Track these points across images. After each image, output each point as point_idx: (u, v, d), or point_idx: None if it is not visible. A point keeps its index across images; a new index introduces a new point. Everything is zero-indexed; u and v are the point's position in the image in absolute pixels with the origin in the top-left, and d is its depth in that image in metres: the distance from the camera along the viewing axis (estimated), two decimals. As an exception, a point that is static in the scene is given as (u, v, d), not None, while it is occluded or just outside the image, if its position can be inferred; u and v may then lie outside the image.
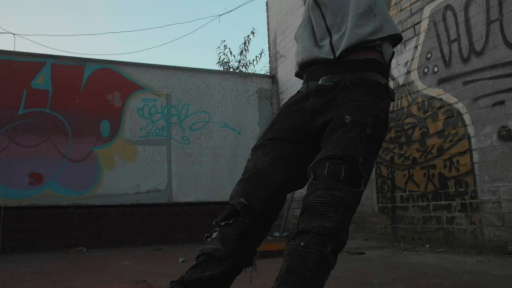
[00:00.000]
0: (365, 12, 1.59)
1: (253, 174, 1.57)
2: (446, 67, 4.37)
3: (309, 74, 1.71)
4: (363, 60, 1.60)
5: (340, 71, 1.59)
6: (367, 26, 1.58)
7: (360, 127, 1.46)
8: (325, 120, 1.54)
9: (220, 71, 8.75)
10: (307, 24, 1.78)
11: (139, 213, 6.34)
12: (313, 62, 1.69)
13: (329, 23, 1.68)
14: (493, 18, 3.90)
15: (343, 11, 1.64)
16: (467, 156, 4.11)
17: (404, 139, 4.87)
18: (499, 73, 3.83)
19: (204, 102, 6.99)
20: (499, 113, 3.82)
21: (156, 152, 6.64)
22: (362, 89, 1.54)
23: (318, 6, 1.73)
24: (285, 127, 1.65)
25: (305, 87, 1.70)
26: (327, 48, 1.65)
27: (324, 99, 1.58)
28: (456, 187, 4.22)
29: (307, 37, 1.73)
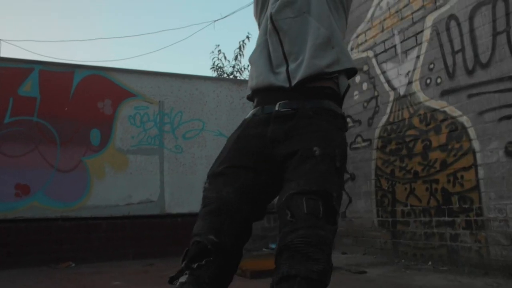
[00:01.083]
0: (323, 43, 1.58)
1: (218, 207, 1.47)
2: (450, 78, 4.22)
3: (264, 98, 1.64)
4: (320, 87, 1.58)
5: (299, 98, 1.55)
6: (324, 57, 1.56)
7: (330, 159, 1.43)
8: (290, 151, 1.47)
9: (214, 78, 8.56)
10: (263, 49, 1.70)
11: (131, 225, 6.12)
12: (267, 89, 1.62)
13: (287, 50, 1.63)
14: (499, 29, 3.77)
15: (301, 39, 1.61)
16: (472, 171, 3.97)
17: (405, 151, 4.72)
18: (506, 86, 3.69)
19: (197, 109, 6.79)
20: (506, 128, 3.68)
21: (148, 162, 6.43)
22: (323, 118, 1.52)
23: (277, 31, 1.66)
24: (246, 154, 1.56)
25: (260, 110, 1.61)
26: (283, 76, 1.60)
27: (286, 127, 1.52)
28: (460, 203, 4.07)
29: (263, 62, 1.67)
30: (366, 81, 5.38)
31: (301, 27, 1.64)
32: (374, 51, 5.27)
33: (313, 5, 1.67)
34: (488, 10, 3.86)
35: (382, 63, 5.13)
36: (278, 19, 1.67)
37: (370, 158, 5.26)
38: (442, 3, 4.33)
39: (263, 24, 1.77)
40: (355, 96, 5.57)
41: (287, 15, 1.67)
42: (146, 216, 6.22)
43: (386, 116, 5.03)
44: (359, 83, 5.52)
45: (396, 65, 4.90)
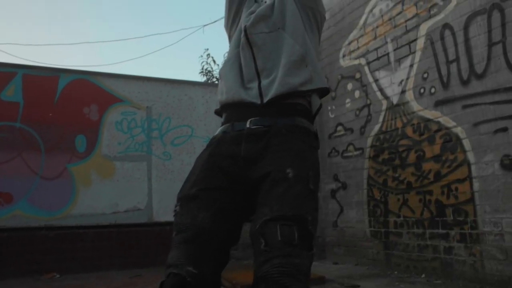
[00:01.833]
0: (298, 60, 1.55)
1: (194, 234, 1.38)
2: (444, 88, 4.16)
3: (234, 114, 1.57)
4: (292, 104, 1.54)
5: (271, 114, 1.50)
6: (298, 76, 1.53)
7: (304, 182, 1.38)
8: (263, 173, 1.42)
9: (204, 83, 8.43)
10: (235, 62, 1.64)
11: (117, 235, 5.97)
12: (238, 104, 1.54)
13: (260, 66, 1.59)
14: (495, 40, 3.71)
15: (275, 55, 1.58)
16: (467, 184, 3.90)
17: (398, 161, 4.64)
18: (502, 98, 3.63)
19: (186, 115, 6.66)
20: (501, 140, 3.62)
21: (135, 169, 6.28)
22: (297, 137, 1.48)
23: (250, 46, 1.60)
24: (220, 175, 1.49)
25: (230, 127, 1.55)
26: (254, 91, 1.55)
27: (259, 146, 1.46)
28: (454, 215, 4.01)
29: (234, 77, 1.61)
30: (359, 89, 5.30)
31: (275, 43, 1.60)
32: (366, 58, 5.19)
33: (288, 22, 1.63)
34: (484, 20, 3.80)
35: (374, 71, 5.06)
36: (252, 33, 1.62)
37: (362, 167, 5.18)
38: (436, 11, 4.27)
39: (235, 37, 1.71)
40: (347, 104, 5.49)
41: (261, 29, 1.62)
42: (133, 224, 6.08)
43: (378, 125, 4.95)
44: (351, 90, 5.44)
45: (389, 73, 4.82)
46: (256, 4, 1.80)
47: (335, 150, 5.70)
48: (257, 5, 1.79)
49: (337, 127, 5.65)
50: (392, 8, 4.82)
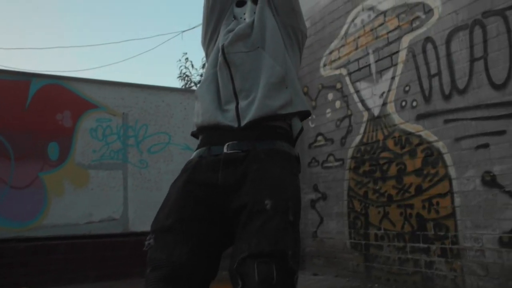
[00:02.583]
0: (278, 82, 1.49)
1: (172, 273, 1.29)
2: (426, 102, 4.15)
3: (211, 137, 1.50)
4: (272, 126, 1.48)
5: (249, 138, 1.44)
6: (278, 98, 1.47)
7: (283, 213, 1.31)
8: (240, 203, 1.34)
9: (182, 89, 8.28)
10: (212, 82, 1.56)
11: (92, 246, 5.77)
12: (214, 127, 1.47)
13: (238, 86, 1.52)
14: (477, 56, 3.71)
15: (254, 76, 1.51)
16: (448, 198, 3.90)
17: (379, 174, 4.62)
18: (484, 114, 3.64)
19: (164, 122, 6.51)
20: (483, 156, 3.63)
21: (110, 177, 6.09)
22: (276, 162, 1.41)
23: (228, 65, 1.53)
24: (197, 204, 1.40)
25: (206, 151, 1.48)
26: (232, 114, 1.48)
27: (237, 173, 1.39)
28: (435, 230, 4.00)
29: (210, 98, 1.54)
30: (339, 99, 5.27)
31: (254, 63, 1.54)
32: (347, 69, 5.16)
33: (268, 40, 1.57)
34: (466, 35, 3.80)
35: (355, 81, 5.03)
36: (230, 52, 1.54)
37: (343, 178, 5.14)
38: (418, 24, 4.26)
39: (213, 56, 1.63)
40: (328, 114, 5.45)
41: (240, 48, 1.56)
42: (108, 235, 5.89)
43: (359, 136, 4.93)
44: (331, 100, 5.41)
45: (371, 84, 4.80)
46: (234, 22, 1.72)
47: (315, 160, 5.66)
48: (236, 22, 1.71)
49: (317, 137, 5.60)
50: (373, 19, 4.79)
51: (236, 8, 1.76)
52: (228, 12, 1.75)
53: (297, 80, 1.59)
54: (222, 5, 1.74)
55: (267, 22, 1.62)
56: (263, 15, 1.64)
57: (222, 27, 1.71)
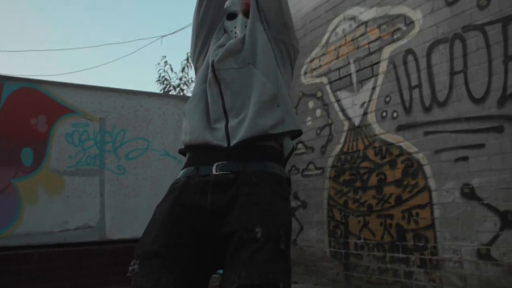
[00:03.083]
0: (269, 100, 1.45)
1: None
2: (406, 113, 4.19)
3: (199, 156, 1.46)
4: (262, 146, 1.44)
5: (239, 159, 1.40)
6: (269, 117, 1.43)
7: (274, 242, 1.27)
8: (229, 230, 1.31)
9: (161, 94, 8.16)
10: (201, 99, 1.52)
11: (67, 254, 5.63)
12: (202, 147, 1.43)
13: (228, 104, 1.48)
14: (457, 69, 3.76)
15: (245, 93, 1.47)
16: (428, 210, 3.94)
17: (359, 183, 4.64)
18: (463, 127, 3.69)
19: (142, 127, 6.39)
20: (462, 169, 3.68)
21: (87, 184, 5.95)
22: (267, 186, 1.37)
23: (218, 82, 1.48)
24: (184, 229, 1.36)
25: (195, 171, 1.43)
26: (221, 133, 1.44)
27: (226, 197, 1.35)
28: (415, 240, 4.04)
29: (199, 116, 1.50)
30: (320, 107, 5.27)
31: (245, 80, 1.50)
32: (328, 77, 5.17)
33: (259, 57, 1.53)
34: (446, 48, 3.85)
35: (336, 90, 5.04)
36: (220, 68, 1.50)
37: (323, 187, 5.15)
38: (399, 36, 4.29)
39: (202, 71, 1.58)
40: (308, 122, 5.45)
41: (230, 65, 1.51)
42: (84, 243, 5.75)
43: (340, 146, 4.94)
44: (312, 108, 5.41)
45: (351, 94, 4.82)
46: (225, 36, 1.68)
47: (295, 168, 5.65)
48: (226, 36, 1.67)
49: (298, 144, 5.59)
50: (355, 29, 4.81)
51: (227, 21, 1.72)
52: (219, 25, 1.71)
53: (288, 98, 1.56)
54: (213, 18, 1.69)
55: (259, 37, 1.58)
56: (254, 30, 1.60)
57: (213, 41, 1.67)
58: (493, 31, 3.50)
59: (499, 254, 3.41)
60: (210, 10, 1.68)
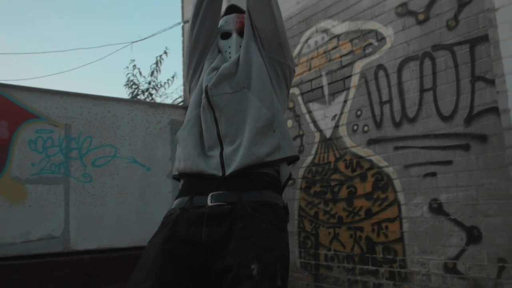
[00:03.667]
0: (265, 126, 1.43)
1: None
2: (377, 128, 4.25)
3: (193, 185, 1.43)
4: (258, 174, 1.42)
5: (234, 188, 1.37)
6: (265, 144, 1.41)
7: (271, 278, 1.25)
8: (226, 266, 1.29)
9: (129, 100, 7.98)
10: (194, 125, 1.50)
11: (29, 266, 5.41)
12: (197, 175, 1.42)
13: (222, 131, 1.46)
14: (426, 87, 3.85)
15: (240, 119, 1.46)
16: (397, 223, 4.02)
17: (330, 195, 4.69)
18: (432, 144, 3.78)
19: (110, 134, 6.23)
20: (430, 184, 3.77)
21: (51, 192, 5.74)
22: (264, 218, 1.35)
23: (212, 108, 1.46)
24: (178, 265, 1.32)
25: (189, 202, 1.40)
26: (215, 161, 1.43)
27: (222, 230, 1.33)
28: (384, 253, 4.11)
29: (193, 143, 1.48)
30: (292, 118, 5.29)
31: (239, 105, 1.47)
32: (300, 88, 5.19)
33: (253, 79, 1.50)
34: (416, 66, 3.94)
35: (308, 102, 5.07)
36: (214, 94, 1.47)
37: (294, 197, 5.17)
38: (371, 51, 4.36)
39: (196, 96, 1.55)
40: (280, 132, 5.45)
41: (224, 90, 1.48)
42: (47, 254, 5.55)
43: (311, 157, 4.97)
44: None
45: (323, 106, 4.86)
46: (219, 56, 1.65)
47: (266, 177, 5.64)
48: (220, 57, 1.64)
49: (269, 154, 5.59)
50: (327, 41, 4.86)
51: (221, 40, 1.69)
52: (213, 45, 1.67)
53: (285, 122, 1.54)
54: (206, 39, 1.66)
55: (253, 59, 1.56)
56: (249, 51, 1.57)
57: (207, 62, 1.64)
58: (461, 52, 3.61)
59: (465, 268, 3.51)
60: (203, 31, 1.65)
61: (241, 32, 1.66)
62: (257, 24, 1.60)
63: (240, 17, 1.71)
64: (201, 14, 1.64)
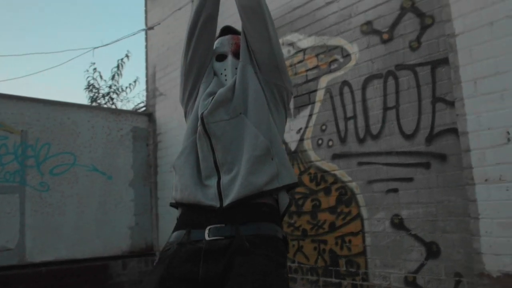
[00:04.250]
0: (262, 155, 1.41)
1: None
2: (341, 143, 4.33)
3: (191, 218, 1.42)
4: (256, 205, 1.40)
5: (232, 221, 1.36)
6: (263, 173, 1.40)
7: None
8: None
9: (90, 106, 7.77)
10: (191, 153, 1.49)
11: (-19, 281, 5.19)
12: (194, 206, 1.41)
13: (219, 159, 1.45)
14: (390, 105, 3.96)
15: (236, 147, 1.44)
16: (360, 237, 4.12)
17: (294, 208, 4.74)
18: (394, 161, 3.89)
19: (69, 141, 6.05)
20: (392, 200, 3.88)
21: (5, 202, 5.52)
22: (262, 253, 1.33)
23: (208, 136, 1.45)
24: None
25: (186, 236, 1.39)
26: (213, 191, 1.41)
27: (219, 267, 1.31)
28: (347, 266, 4.20)
29: (189, 172, 1.46)
30: (257, 129, 5.30)
31: (236, 132, 1.46)
32: (266, 100, 5.20)
33: (250, 105, 1.49)
34: (380, 84, 4.03)
35: (274, 114, 5.09)
36: (210, 122, 1.46)
37: (258, 208, 5.18)
38: (336, 67, 4.43)
39: (192, 122, 1.53)
40: (245, 143, 5.46)
41: (221, 117, 1.47)
42: (1, 267, 5.32)
43: (276, 169, 4.99)
44: (249, 129, 5.42)
45: (288, 119, 4.86)
46: (215, 79, 1.61)
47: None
48: (216, 80, 1.61)
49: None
50: (293, 55, 4.90)
51: (216, 62, 1.66)
52: (208, 68, 1.64)
53: (283, 148, 1.52)
54: (201, 61, 1.62)
55: (250, 83, 1.53)
56: (245, 75, 1.55)
57: (202, 86, 1.60)
58: (423, 73, 3.73)
59: (424, 282, 3.64)
60: (198, 53, 1.61)
61: (237, 54, 1.63)
62: (253, 46, 1.58)
63: (235, 39, 1.68)
64: (195, 36, 1.61)
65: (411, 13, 3.84)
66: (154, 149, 6.50)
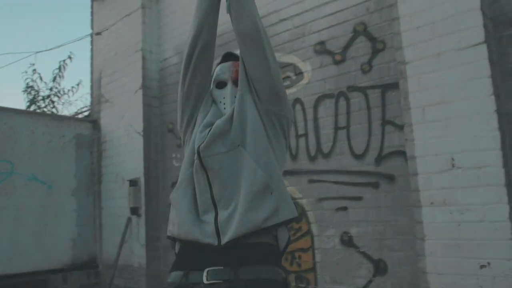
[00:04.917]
0: (261, 190, 1.38)
1: None
2: (292, 160, 4.39)
3: (189, 257, 1.40)
4: (255, 245, 1.37)
5: (231, 263, 1.33)
6: (261, 209, 1.36)
7: None
8: None
9: (30, 112, 7.34)
10: (188, 187, 1.46)
11: None
12: (192, 243, 1.39)
13: (216, 194, 1.42)
14: (341, 125, 4.06)
15: (234, 181, 1.41)
16: (310, 253, 4.19)
17: (245, 222, 4.74)
18: (344, 180, 3.99)
19: (6, 148, 5.68)
20: (342, 218, 3.98)
21: None
22: None
23: (205, 170, 1.43)
24: None
25: (184, 278, 1.35)
26: (210, 228, 1.38)
27: None
28: (297, 282, 4.26)
29: (187, 206, 1.43)
30: (208, 141, 5.25)
31: (234, 165, 1.43)
32: (217, 112, 5.17)
33: (249, 136, 1.45)
34: (332, 104, 4.13)
35: (225, 127, 5.07)
36: (207, 156, 1.43)
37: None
38: (289, 84, 4.48)
39: (189, 154, 1.49)
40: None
41: (218, 149, 1.44)
42: None
43: (227, 182, 4.98)
44: (199, 141, 5.36)
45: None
46: (213, 108, 1.57)
47: (179, 199, 5.55)
48: (215, 108, 1.56)
49: (183, 175, 5.50)
50: (246, 69, 4.89)
51: (216, 89, 1.61)
52: (206, 96, 1.59)
53: (283, 181, 1.48)
54: (199, 90, 1.57)
55: (248, 114, 1.49)
56: (243, 105, 1.50)
57: (200, 115, 1.55)
58: (374, 95, 3.86)
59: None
60: (195, 82, 1.56)
61: (237, 81, 1.58)
62: (252, 75, 1.53)
63: (236, 65, 1.63)
64: (192, 65, 1.55)
65: (363, 37, 3.96)
66: (98, 157, 6.26)
